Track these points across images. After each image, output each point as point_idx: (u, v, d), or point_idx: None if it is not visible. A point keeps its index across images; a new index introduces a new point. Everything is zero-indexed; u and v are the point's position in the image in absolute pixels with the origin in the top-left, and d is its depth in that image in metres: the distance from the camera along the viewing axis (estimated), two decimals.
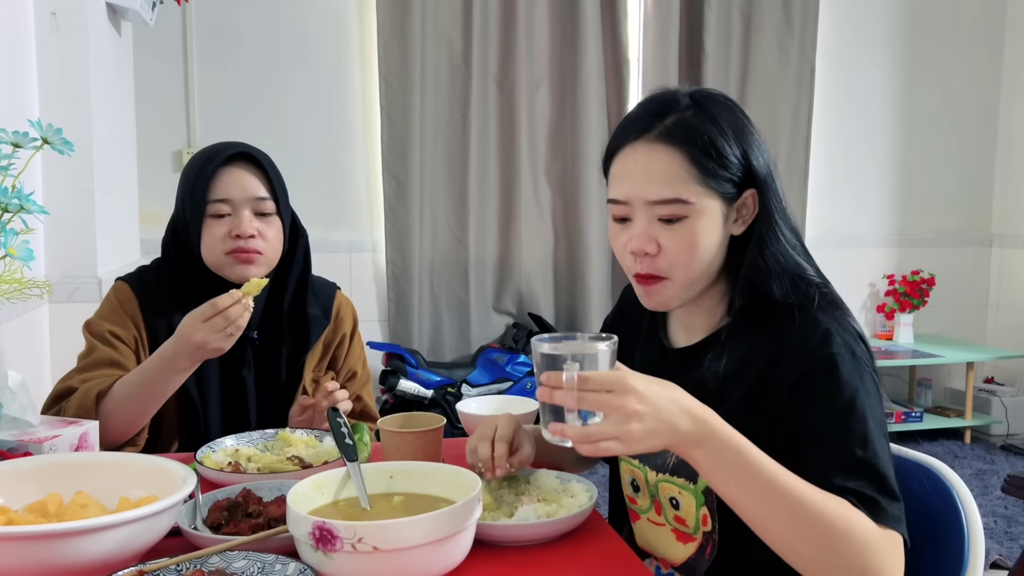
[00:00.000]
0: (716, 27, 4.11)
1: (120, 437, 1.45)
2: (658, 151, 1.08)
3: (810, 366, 1.06)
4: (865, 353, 1.09)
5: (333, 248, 3.90)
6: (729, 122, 1.10)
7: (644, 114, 1.11)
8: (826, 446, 1.01)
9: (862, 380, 1.05)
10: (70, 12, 2.26)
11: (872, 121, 4.50)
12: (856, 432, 1.01)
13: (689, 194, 1.07)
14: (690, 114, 1.09)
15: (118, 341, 1.51)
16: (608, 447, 0.90)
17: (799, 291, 1.12)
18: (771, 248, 1.11)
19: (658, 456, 1.19)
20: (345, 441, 1.12)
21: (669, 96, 1.12)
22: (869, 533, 0.94)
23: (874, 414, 1.03)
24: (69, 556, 0.86)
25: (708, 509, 1.14)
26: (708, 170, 1.07)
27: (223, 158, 1.52)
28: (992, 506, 3.45)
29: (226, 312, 1.33)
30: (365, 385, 1.72)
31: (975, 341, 4.64)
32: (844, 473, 0.98)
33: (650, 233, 1.09)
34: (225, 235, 1.50)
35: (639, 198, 1.09)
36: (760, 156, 1.12)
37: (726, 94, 1.16)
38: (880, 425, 1.03)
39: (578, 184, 4.07)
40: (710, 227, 1.09)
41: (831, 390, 1.04)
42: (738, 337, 1.13)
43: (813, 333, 1.08)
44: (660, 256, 1.09)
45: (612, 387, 0.90)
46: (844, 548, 0.93)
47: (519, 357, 3.88)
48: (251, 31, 3.77)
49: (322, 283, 1.71)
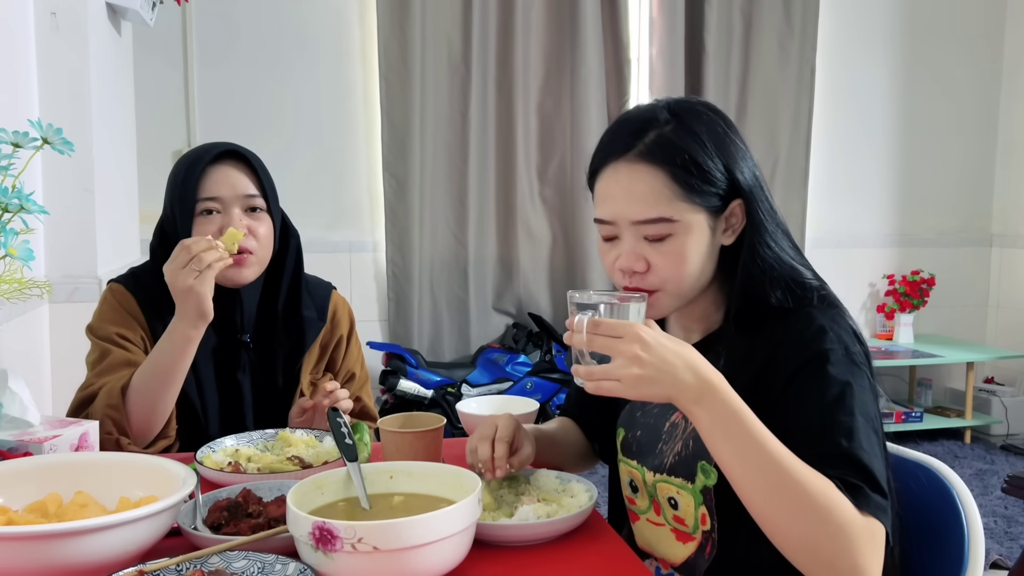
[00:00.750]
0: (717, 27, 4.11)
1: (149, 429, 1.44)
2: (639, 171, 1.08)
3: (803, 360, 1.06)
4: (860, 351, 1.08)
5: (333, 248, 3.90)
6: (710, 135, 1.09)
7: (624, 133, 1.11)
8: (811, 437, 1.01)
9: (854, 375, 1.04)
10: (70, 12, 2.26)
11: (872, 121, 4.50)
12: (842, 424, 1.01)
13: (673, 212, 1.07)
14: (669, 130, 1.09)
15: (127, 342, 1.51)
16: (609, 387, 0.96)
17: (795, 296, 1.12)
18: (762, 254, 1.11)
19: (655, 457, 1.19)
20: (345, 441, 1.12)
21: (648, 112, 1.12)
22: (850, 516, 0.94)
23: (864, 409, 1.03)
24: (69, 556, 0.86)
25: (707, 508, 1.14)
26: (691, 186, 1.07)
27: (212, 157, 1.51)
28: (992, 506, 3.45)
29: (188, 247, 1.36)
30: (364, 386, 1.72)
31: (975, 341, 4.64)
32: (827, 463, 0.98)
33: (638, 252, 1.10)
34: (215, 233, 1.49)
35: (624, 218, 1.10)
36: (744, 165, 1.12)
37: (707, 102, 1.16)
38: (870, 420, 1.03)
39: (578, 184, 4.07)
40: (697, 241, 1.10)
41: (821, 384, 1.04)
42: (735, 340, 1.14)
43: (808, 329, 1.08)
44: (650, 273, 1.11)
45: (621, 334, 0.95)
46: (824, 526, 0.93)
47: (519, 357, 3.88)
48: (251, 31, 3.77)
49: (317, 283, 1.69)
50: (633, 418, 1.25)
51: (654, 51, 4.11)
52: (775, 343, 1.09)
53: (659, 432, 1.19)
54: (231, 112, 3.76)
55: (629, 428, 1.26)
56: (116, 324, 1.52)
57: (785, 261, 1.13)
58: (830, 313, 1.11)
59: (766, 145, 4.24)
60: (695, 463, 1.14)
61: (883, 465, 1.02)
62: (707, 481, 1.13)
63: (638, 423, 1.24)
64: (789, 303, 1.11)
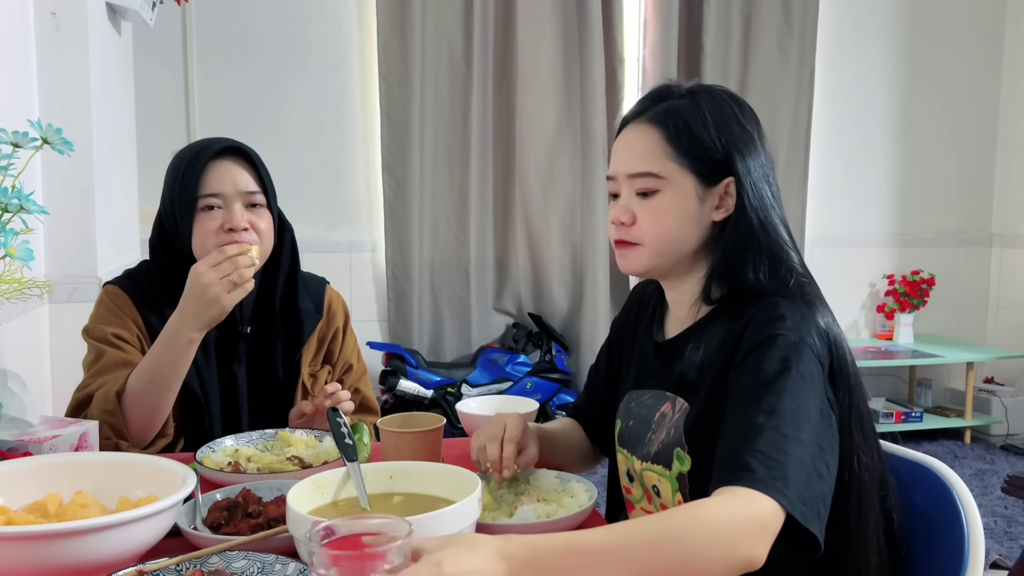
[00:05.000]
0: (715, 27, 4.11)
1: (147, 430, 1.44)
2: (643, 130, 1.17)
3: (752, 344, 1.05)
4: (818, 345, 1.05)
5: (333, 248, 3.90)
6: (714, 111, 1.15)
7: (644, 99, 1.21)
8: (735, 413, 1.00)
9: (798, 363, 1.01)
10: (70, 12, 2.26)
11: (872, 121, 4.50)
12: (766, 403, 0.98)
13: (661, 168, 1.14)
14: (683, 100, 1.17)
15: (124, 343, 1.50)
16: None
17: (776, 278, 1.11)
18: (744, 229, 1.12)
19: (644, 446, 1.20)
20: (345, 441, 1.12)
21: (670, 86, 1.20)
22: (711, 523, 0.88)
23: (796, 395, 0.99)
24: (69, 556, 0.86)
25: (682, 494, 1.15)
26: (682, 148, 1.13)
27: (212, 152, 1.51)
28: (992, 506, 3.45)
29: (235, 259, 1.37)
30: (362, 377, 1.72)
31: (975, 341, 4.64)
32: (739, 439, 0.96)
33: (628, 206, 1.17)
34: (217, 229, 1.48)
35: (622, 173, 1.18)
36: (746, 150, 1.14)
37: (730, 91, 1.21)
38: (800, 407, 0.98)
39: (578, 183, 4.07)
40: (683, 203, 1.14)
41: (758, 364, 1.02)
42: (715, 326, 1.14)
43: (769, 316, 1.07)
44: (634, 226, 1.16)
45: None
46: (702, 552, 0.86)
47: (519, 357, 3.88)
48: (251, 31, 3.77)
49: (312, 278, 1.70)
50: (628, 409, 1.27)
51: (647, 51, 4.11)
52: (741, 327, 1.09)
53: (649, 422, 1.21)
54: (231, 112, 3.76)
55: (625, 419, 1.27)
56: (112, 325, 1.51)
57: (772, 239, 1.12)
58: (799, 306, 1.09)
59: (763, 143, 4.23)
60: (672, 450, 1.15)
61: (807, 456, 0.96)
62: (681, 468, 1.14)
63: (632, 413, 1.25)
64: (766, 284, 1.11)
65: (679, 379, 1.17)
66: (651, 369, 1.24)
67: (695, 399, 1.14)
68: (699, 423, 1.12)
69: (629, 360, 1.32)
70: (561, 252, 4.13)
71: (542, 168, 4.06)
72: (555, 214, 4.10)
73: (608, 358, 1.39)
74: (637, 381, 1.27)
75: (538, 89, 4.00)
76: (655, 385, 1.22)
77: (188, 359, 1.43)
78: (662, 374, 1.22)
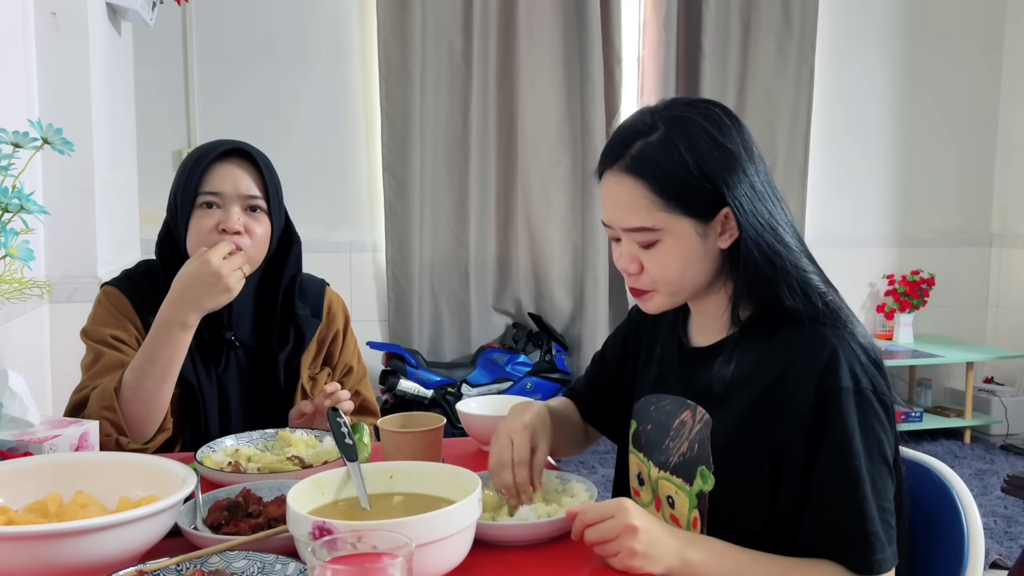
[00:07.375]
0: (714, 28, 4.11)
1: (146, 423, 1.44)
2: (624, 182, 1.12)
3: (814, 399, 1.06)
4: (867, 376, 1.07)
5: (333, 248, 3.90)
6: (691, 148, 1.08)
7: (616, 143, 1.15)
8: (824, 512, 1.05)
9: (864, 425, 1.05)
10: (70, 12, 2.26)
11: (872, 121, 4.50)
12: (855, 504, 1.03)
13: (655, 222, 1.10)
14: (655, 138, 1.10)
15: (122, 344, 1.50)
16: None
17: (807, 300, 1.11)
18: (757, 260, 1.10)
19: (662, 453, 1.20)
20: (345, 441, 1.12)
21: (639, 122, 1.14)
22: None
23: (872, 454, 1.04)
24: (69, 556, 0.86)
25: (699, 512, 1.14)
26: (670, 197, 1.09)
27: (218, 152, 1.51)
28: (992, 506, 3.45)
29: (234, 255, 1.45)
30: (363, 379, 1.71)
31: (975, 341, 4.64)
32: (835, 542, 1.04)
33: (632, 254, 1.15)
34: (212, 228, 1.48)
35: (616, 225, 1.15)
36: (735, 174, 1.09)
37: (706, 105, 1.14)
38: (875, 466, 1.04)
39: (578, 183, 4.07)
40: (685, 247, 1.12)
41: (836, 452, 1.04)
42: (747, 345, 1.13)
43: (819, 355, 1.07)
44: (643, 274, 1.15)
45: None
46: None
47: (519, 357, 3.88)
48: (251, 31, 3.77)
49: (311, 280, 1.69)
50: (646, 412, 1.25)
51: (645, 52, 4.10)
52: (787, 359, 1.09)
53: (668, 429, 1.20)
54: (231, 112, 3.76)
55: (641, 421, 1.26)
56: (110, 326, 1.51)
57: (787, 268, 1.11)
58: (840, 330, 1.09)
59: (764, 146, 4.23)
60: (696, 466, 1.14)
61: (890, 501, 1.05)
62: (704, 486, 1.13)
63: (650, 417, 1.24)
64: (800, 308, 1.10)
65: (703, 389, 1.16)
66: (674, 374, 1.23)
67: (719, 413, 1.13)
68: (730, 446, 1.11)
69: (648, 359, 1.30)
70: (561, 252, 4.13)
71: (542, 168, 4.06)
72: (555, 214, 4.10)
73: (622, 349, 1.37)
74: (658, 384, 1.25)
75: (538, 89, 4.00)
76: (677, 391, 1.21)
77: (184, 344, 1.43)
78: (685, 380, 1.20)
